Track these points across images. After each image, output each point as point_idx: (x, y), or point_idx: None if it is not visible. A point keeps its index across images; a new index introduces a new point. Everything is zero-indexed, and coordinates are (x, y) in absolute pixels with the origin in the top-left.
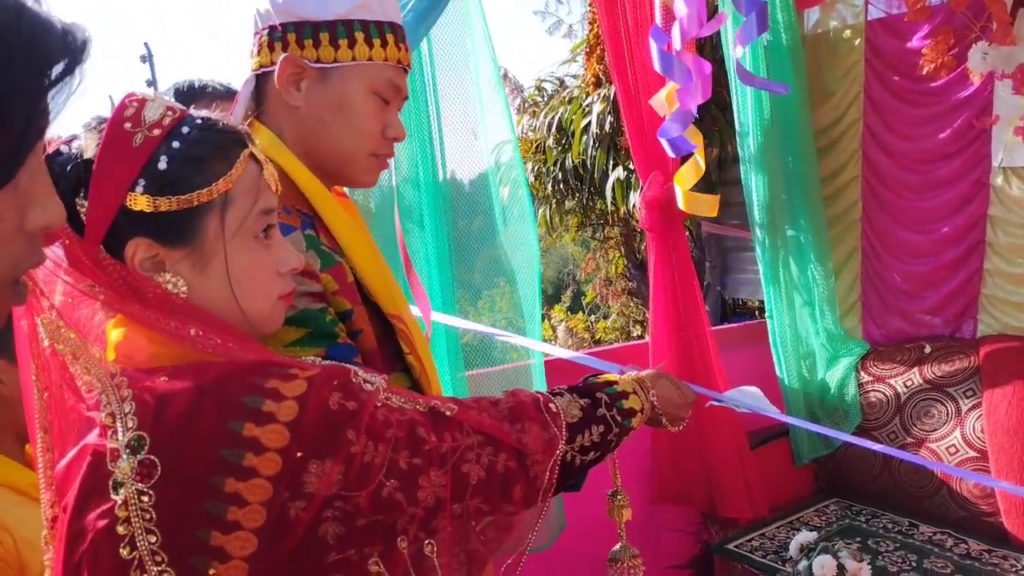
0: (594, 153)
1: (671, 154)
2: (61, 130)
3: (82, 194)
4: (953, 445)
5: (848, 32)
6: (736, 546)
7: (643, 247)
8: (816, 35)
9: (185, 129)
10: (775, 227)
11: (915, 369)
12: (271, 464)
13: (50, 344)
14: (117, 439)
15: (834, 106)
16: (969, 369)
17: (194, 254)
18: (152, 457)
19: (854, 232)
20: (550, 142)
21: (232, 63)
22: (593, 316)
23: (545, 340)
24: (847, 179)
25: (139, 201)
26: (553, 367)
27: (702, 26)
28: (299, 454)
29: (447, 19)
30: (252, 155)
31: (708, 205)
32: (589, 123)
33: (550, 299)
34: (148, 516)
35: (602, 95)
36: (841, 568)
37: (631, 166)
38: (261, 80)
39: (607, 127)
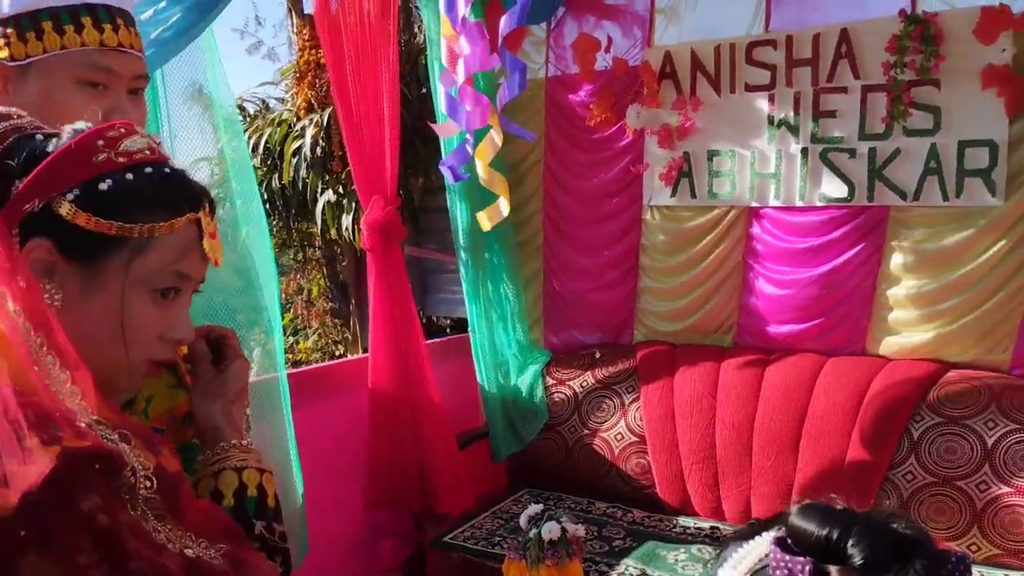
0: (305, 176)
1: (451, 181)
2: None
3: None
4: (620, 433)
5: (531, 84)
6: (451, 538)
7: (344, 269)
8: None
9: (149, 170)
10: (476, 250)
11: (588, 372)
12: None
13: None
14: None
15: (521, 146)
16: (629, 369)
17: (87, 277)
18: None
19: (537, 256)
20: (255, 162)
21: None
22: (294, 337)
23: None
24: (532, 210)
25: (63, 207)
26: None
27: (484, 64)
28: (22, 532)
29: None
30: (199, 222)
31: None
32: (301, 146)
33: None
34: None
35: (314, 120)
36: (564, 530)
37: (340, 190)
38: None
39: (319, 151)
